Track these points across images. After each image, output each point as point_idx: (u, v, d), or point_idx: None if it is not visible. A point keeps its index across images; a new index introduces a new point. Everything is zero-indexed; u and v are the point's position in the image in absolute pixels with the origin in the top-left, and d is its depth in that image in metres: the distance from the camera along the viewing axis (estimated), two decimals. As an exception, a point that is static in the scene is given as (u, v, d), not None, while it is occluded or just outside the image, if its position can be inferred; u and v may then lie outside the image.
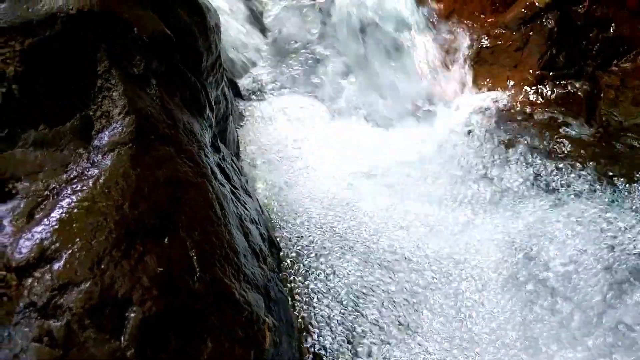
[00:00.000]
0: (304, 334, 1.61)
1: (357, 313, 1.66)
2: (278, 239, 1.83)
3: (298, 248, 1.84)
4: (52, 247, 1.06)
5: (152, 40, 1.48)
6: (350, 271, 1.75)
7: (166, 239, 1.21)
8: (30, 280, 1.03)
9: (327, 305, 1.66)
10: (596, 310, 1.66)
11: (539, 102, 2.41)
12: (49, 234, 1.08)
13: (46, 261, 1.05)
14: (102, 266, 1.07)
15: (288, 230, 1.89)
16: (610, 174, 2.12)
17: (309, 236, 1.87)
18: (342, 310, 1.66)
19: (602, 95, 2.44)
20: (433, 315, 1.67)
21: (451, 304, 1.70)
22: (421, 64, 2.55)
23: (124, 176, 1.23)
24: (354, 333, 1.62)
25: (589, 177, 2.17)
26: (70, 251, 1.07)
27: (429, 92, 2.52)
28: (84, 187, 1.18)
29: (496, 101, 2.44)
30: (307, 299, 1.69)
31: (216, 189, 1.48)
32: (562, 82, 2.41)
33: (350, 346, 1.58)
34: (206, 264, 1.23)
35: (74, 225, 1.11)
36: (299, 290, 1.71)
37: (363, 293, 1.69)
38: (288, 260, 1.78)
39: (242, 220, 1.55)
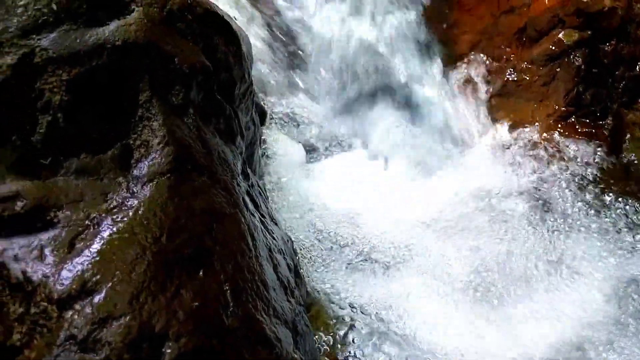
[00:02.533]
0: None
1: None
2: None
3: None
4: (93, 279, 1.08)
5: (192, 71, 1.51)
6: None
7: (201, 272, 1.22)
8: (70, 312, 1.04)
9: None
10: None
11: (564, 138, 2.41)
12: (89, 266, 1.09)
13: (87, 293, 1.06)
14: (141, 300, 1.08)
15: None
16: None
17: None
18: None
19: (627, 132, 2.44)
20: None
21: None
22: (446, 99, 2.56)
23: (162, 207, 1.25)
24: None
25: (613, 215, 2.17)
26: (110, 284, 1.08)
27: (455, 128, 2.53)
28: (124, 218, 1.19)
29: (522, 136, 2.44)
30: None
31: (248, 220, 1.49)
32: (588, 119, 2.41)
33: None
34: (239, 298, 1.24)
35: (114, 256, 1.13)
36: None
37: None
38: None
39: (271, 251, 1.56)
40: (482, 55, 2.64)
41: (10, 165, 1.16)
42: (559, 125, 2.44)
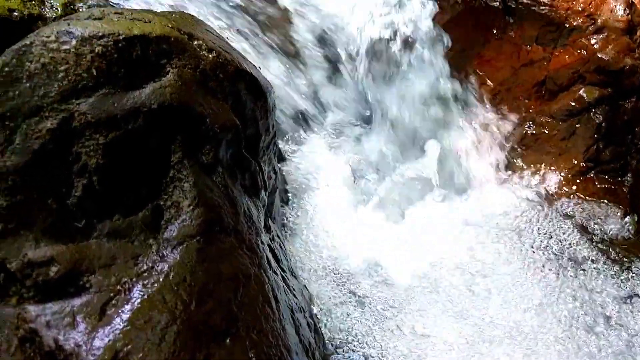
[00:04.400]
0: None
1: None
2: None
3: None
4: (124, 349, 1.08)
5: (222, 130, 1.53)
6: None
7: (228, 339, 1.23)
8: (102, 384, 1.04)
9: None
10: None
11: (582, 193, 2.41)
12: (120, 335, 1.10)
13: (118, 365, 1.06)
14: (170, 371, 1.08)
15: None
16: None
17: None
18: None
19: (645, 189, 2.44)
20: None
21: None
22: (463, 145, 2.58)
23: (191, 272, 1.26)
24: None
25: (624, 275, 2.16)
26: (141, 354, 1.08)
27: (470, 175, 2.54)
28: (154, 283, 1.20)
29: (539, 189, 2.45)
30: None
31: (271, 280, 1.50)
32: (607, 175, 2.41)
33: None
34: (264, 366, 1.24)
35: (145, 324, 1.13)
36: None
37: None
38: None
39: (293, 312, 1.56)
40: (500, 105, 2.66)
41: (45, 228, 1.18)
42: (578, 180, 2.44)
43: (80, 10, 2.15)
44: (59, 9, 2.07)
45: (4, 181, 1.14)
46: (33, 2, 2.00)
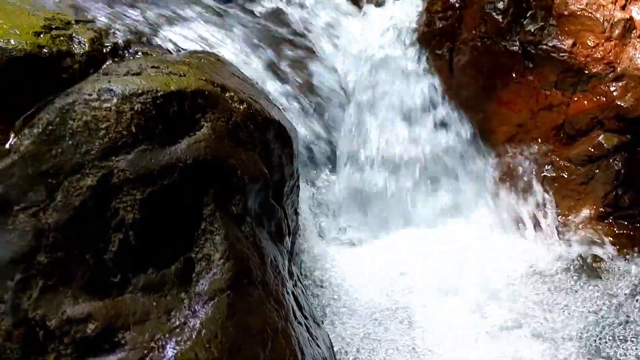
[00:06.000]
0: None
1: None
2: None
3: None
4: (159, 410, 1.09)
5: (252, 180, 1.56)
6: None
7: (257, 397, 1.23)
8: None
9: None
10: None
11: (601, 238, 2.42)
12: (155, 395, 1.11)
13: None
14: None
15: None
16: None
17: None
18: None
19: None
20: None
21: None
22: (480, 189, 2.60)
23: (222, 327, 1.28)
24: None
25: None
26: (174, 415, 1.09)
27: (493, 220, 2.55)
28: (187, 340, 1.22)
29: (560, 234, 2.46)
30: None
31: (297, 333, 1.51)
32: (626, 221, 2.42)
33: None
34: None
35: (177, 383, 1.15)
36: None
37: None
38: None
39: (318, 363, 1.57)
40: (518, 148, 2.68)
41: (83, 284, 1.20)
42: (597, 226, 2.44)
43: (107, 46, 2.19)
44: (86, 44, 2.11)
45: (45, 238, 1.17)
46: (62, 38, 2.04)
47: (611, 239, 2.44)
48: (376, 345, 1.96)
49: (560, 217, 2.53)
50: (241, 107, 1.59)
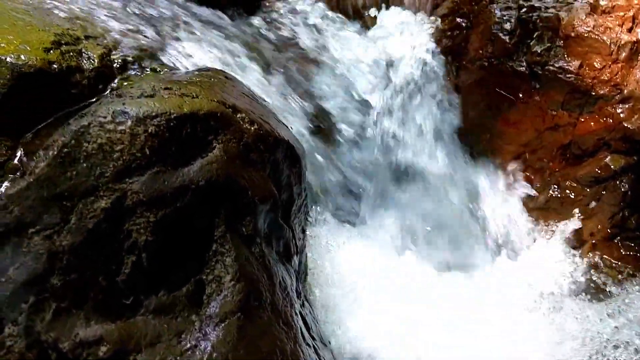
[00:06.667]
0: None
1: None
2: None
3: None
4: None
5: (262, 201, 1.57)
6: None
7: (267, 422, 1.23)
8: None
9: None
10: None
11: (607, 259, 2.42)
12: (166, 419, 1.11)
13: None
14: None
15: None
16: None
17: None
18: None
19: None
20: None
21: None
22: (487, 208, 2.60)
23: (232, 351, 1.28)
24: None
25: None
26: None
27: (495, 238, 2.55)
28: (198, 364, 1.22)
29: (565, 254, 2.46)
30: None
31: (306, 355, 1.51)
32: (633, 242, 2.42)
33: None
34: None
35: (188, 408, 1.15)
36: None
37: None
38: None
39: (326, 386, 1.57)
40: (524, 167, 2.69)
41: (95, 306, 1.21)
42: (603, 246, 2.45)
43: (116, 62, 2.20)
44: (95, 60, 2.12)
45: (59, 261, 1.18)
46: (71, 54, 2.05)
47: (617, 260, 2.43)
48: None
49: (565, 237, 2.53)
50: (252, 128, 1.60)
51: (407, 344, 1.99)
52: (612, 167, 2.39)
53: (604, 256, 2.44)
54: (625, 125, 2.38)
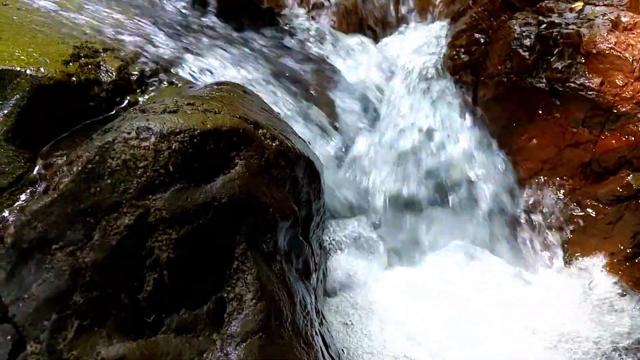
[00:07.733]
0: None
1: None
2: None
3: None
4: None
5: (283, 218, 1.55)
6: None
7: None
8: None
9: None
10: None
11: (628, 279, 2.37)
12: None
13: None
14: None
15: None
16: None
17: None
18: None
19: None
20: None
21: None
22: (506, 227, 2.57)
23: (254, 372, 1.25)
24: None
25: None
26: None
27: (515, 258, 2.52)
28: (219, 385, 1.20)
29: (583, 271, 2.42)
30: None
31: (326, 377, 1.49)
32: (655, 263, 2.37)
33: None
34: None
35: None
36: None
37: None
38: None
39: (345, 406, 1.54)
40: (544, 184, 2.65)
41: (117, 324, 1.19)
42: (623, 266, 2.40)
43: (133, 75, 2.21)
44: (113, 73, 2.13)
45: (82, 277, 1.17)
46: (90, 66, 2.06)
47: (637, 280, 2.39)
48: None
49: (584, 256, 2.49)
50: (273, 144, 1.60)
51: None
52: (634, 186, 2.35)
53: (624, 276, 2.39)
54: (648, 143, 2.35)
